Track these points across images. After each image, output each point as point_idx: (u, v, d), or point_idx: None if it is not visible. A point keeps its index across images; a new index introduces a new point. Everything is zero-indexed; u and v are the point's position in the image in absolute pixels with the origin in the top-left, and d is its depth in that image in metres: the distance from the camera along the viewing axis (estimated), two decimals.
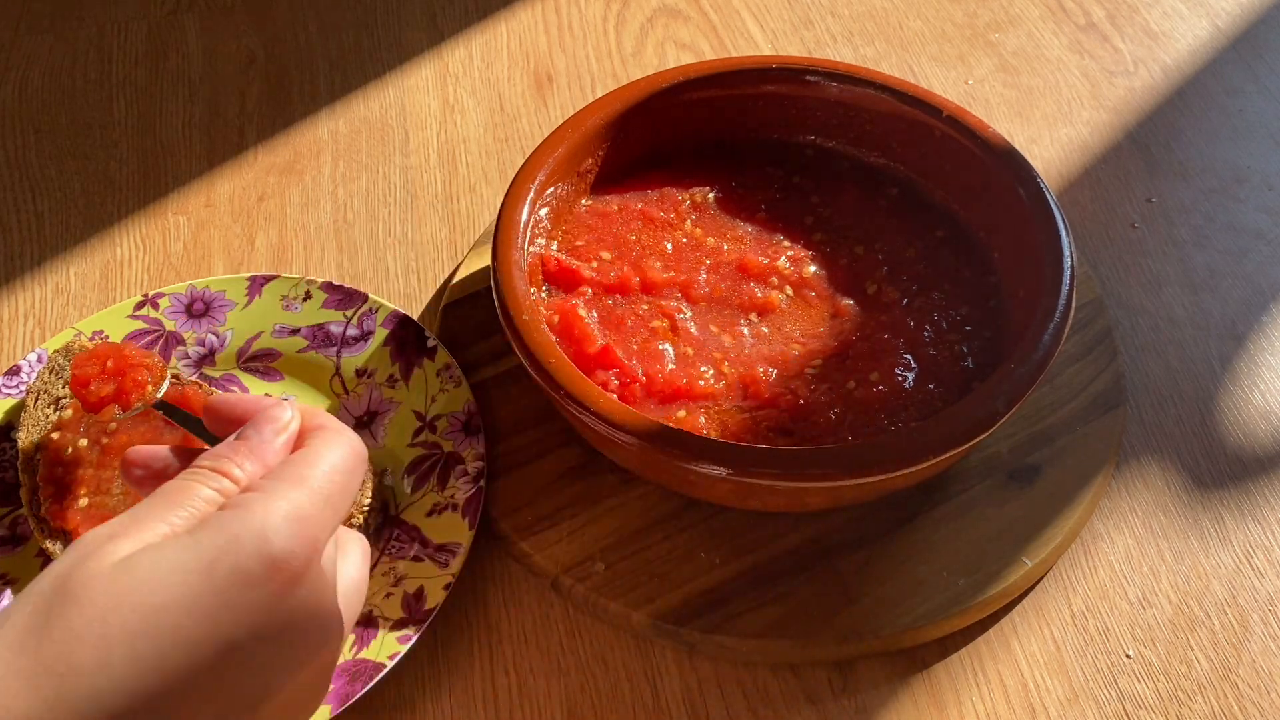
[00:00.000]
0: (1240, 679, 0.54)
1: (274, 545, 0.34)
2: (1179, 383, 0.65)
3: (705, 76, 0.65)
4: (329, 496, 0.37)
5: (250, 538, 0.34)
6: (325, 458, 0.38)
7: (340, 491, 0.38)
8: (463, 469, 0.58)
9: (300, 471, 0.37)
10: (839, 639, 0.53)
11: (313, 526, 0.36)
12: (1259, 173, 0.75)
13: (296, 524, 0.35)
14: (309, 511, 0.36)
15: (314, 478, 0.37)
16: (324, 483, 0.37)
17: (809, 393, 0.56)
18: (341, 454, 0.39)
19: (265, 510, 0.35)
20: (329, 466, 0.38)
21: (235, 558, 0.33)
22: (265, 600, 0.34)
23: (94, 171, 0.75)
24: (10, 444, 0.59)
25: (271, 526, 0.34)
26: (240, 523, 0.34)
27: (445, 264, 0.70)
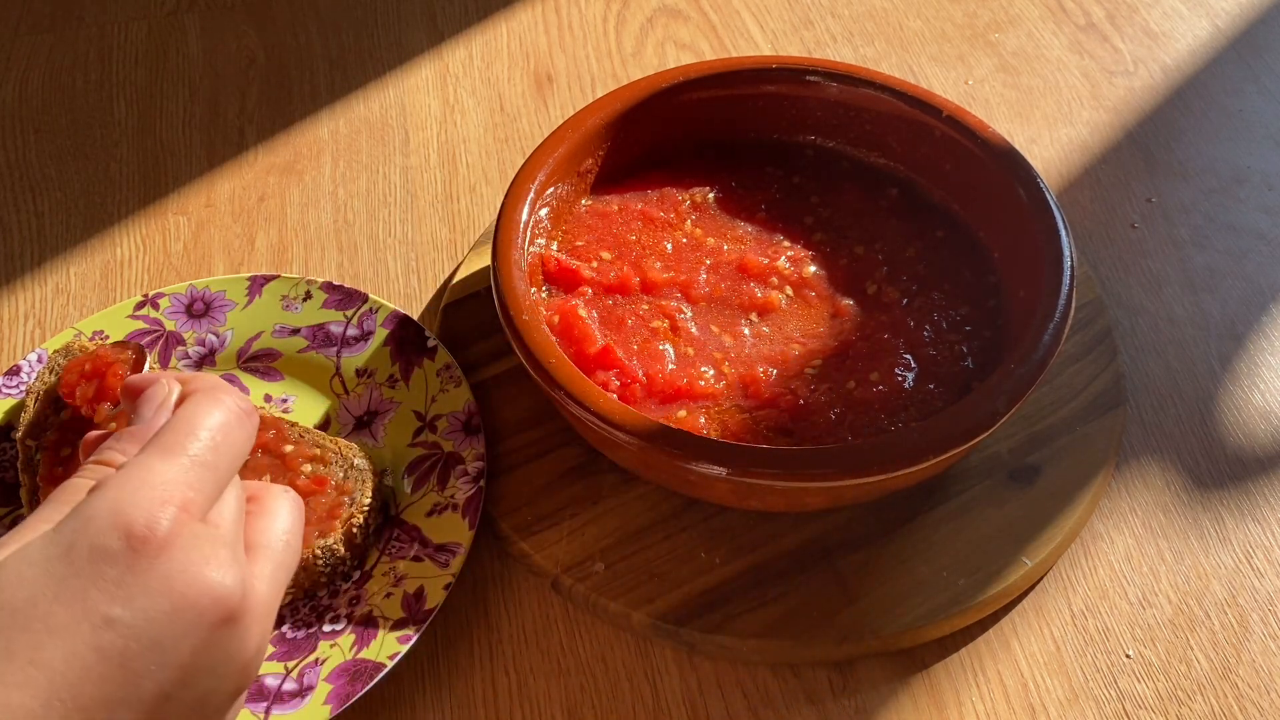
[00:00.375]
0: (1240, 678, 0.54)
1: (130, 515, 0.33)
2: (1179, 383, 0.65)
3: (705, 76, 0.65)
4: (196, 456, 0.36)
5: (105, 513, 0.33)
6: (189, 420, 0.37)
7: (213, 448, 0.37)
8: (463, 469, 0.58)
9: (162, 439, 0.36)
10: (839, 639, 0.53)
11: (176, 489, 0.35)
12: (1259, 173, 0.75)
13: (154, 489, 0.34)
14: (169, 475, 0.35)
15: (175, 442, 0.36)
16: (189, 443, 0.36)
17: (809, 393, 0.56)
18: (208, 411, 0.38)
19: (120, 483, 0.34)
20: (193, 427, 0.37)
21: (91, 536, 0.33)
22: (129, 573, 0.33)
23: (94, 171, 0.75)
24: (10, 444, 0.59)
25: (125, 498, 0.34)
26: (95, 501, 0.34)
27: (445, 264, 0.70)
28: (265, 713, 0.51)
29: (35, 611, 0.31)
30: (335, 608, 0.54)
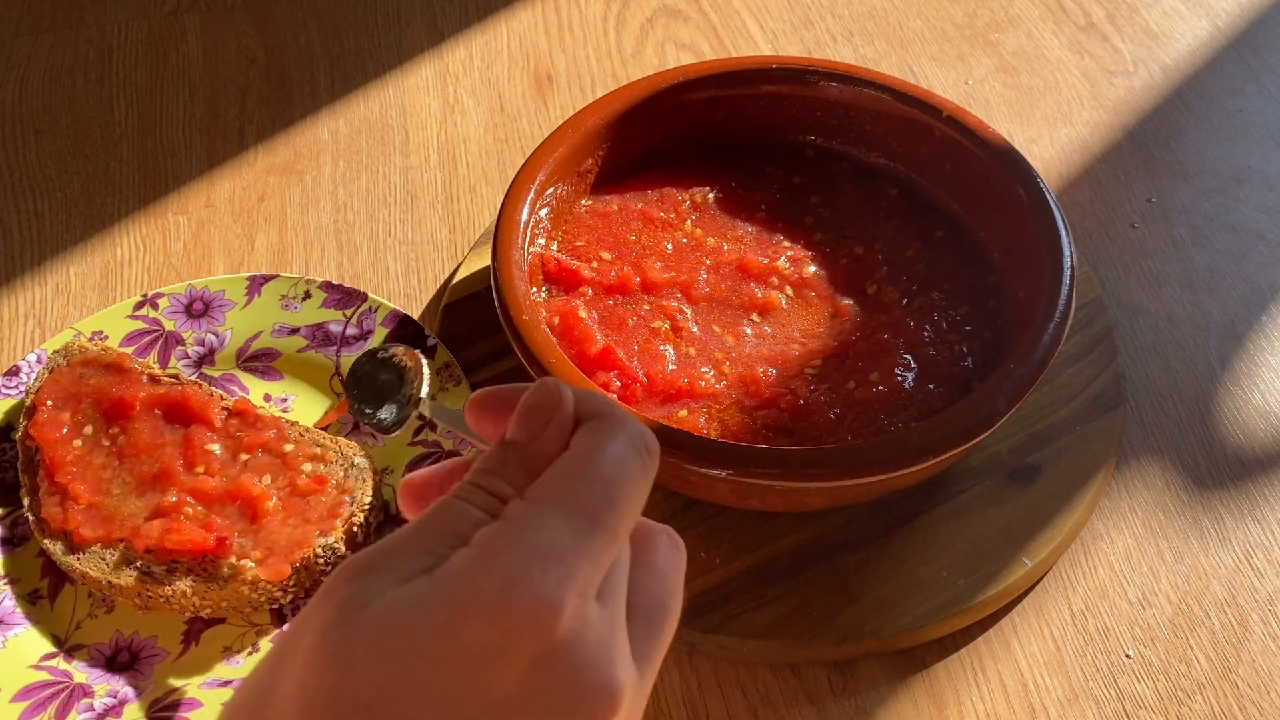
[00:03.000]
0: (1240, 678, 0.54)
1: (523, 598, 0.27)
2: (1179, 383, 0.65)
3: (705, 76, 0.65)
4: (599, 517, 0.30)
5: (496, 589, 0.28)
6: (595, 462, 0.30)
7: (618, 508, 0.30)
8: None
9: (564, 488, 0.30)
10: (839, 639, 0.53)
11: (577, 563, 0.29)
12: (1259, 173, 0.75)
13: (555, 565, 0.28)
14: (570, 544, 0.29)
15: (579, 494, 0.30)
16: (594, 500, 0.30)
17: (809, 393, 0.56)
18: (618, 452, 0.31)
19: (517, 551, 0.28)
20: (600, 476, 0.30)
21: (480, 617, 0.27)
22: (522, 669, 0.28)
23: (94, 171, 0.75)
24: (10, 444, 0.59)
25: (526, 577, 0.28)
26: (486, 572, 0.28)
27: (445, 264, 0.70)
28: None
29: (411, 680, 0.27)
30: None
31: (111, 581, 0.53)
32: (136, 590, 0.53)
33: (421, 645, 0.27)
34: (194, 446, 0.56)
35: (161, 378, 0.59)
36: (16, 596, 0.55)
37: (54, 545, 0.54)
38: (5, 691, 0.51)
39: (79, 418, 0.57)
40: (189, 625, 0.55)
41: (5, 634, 0.53)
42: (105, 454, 0.56)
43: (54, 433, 0.57)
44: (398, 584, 0.29)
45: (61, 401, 0.58)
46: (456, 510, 0.30)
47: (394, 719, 0.27)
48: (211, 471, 0.56)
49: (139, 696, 0.52)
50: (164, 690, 0.52)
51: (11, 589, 0.55)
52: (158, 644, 0.54)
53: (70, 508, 0.55)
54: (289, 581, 0.53)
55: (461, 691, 0.28)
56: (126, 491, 0.55)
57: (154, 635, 0.54)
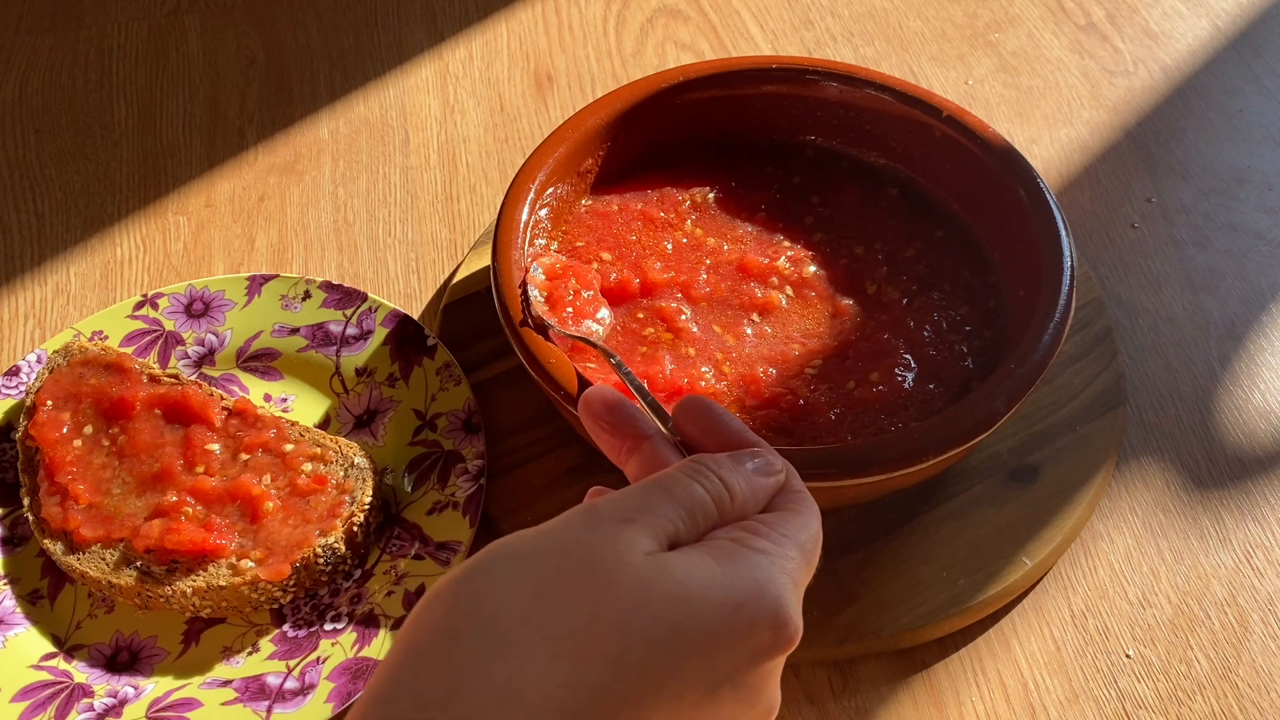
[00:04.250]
0: (1240, 679, 0.54)
1: (787, 612, 0.33)
2: (1179, 383, 0.65)
3: (705, 76, 0.65)
4: (810, 573, 0.36)
5: (774, 597, 0.33)
6: (811, 525, 0.37)
7: (814, 567, 0.37)
8: (463, 467, 0.58)
9: (800, 534, 0.36)
10: (839, 639, 0.53)
11: (801, 597, 0.35)
12: (1259, 173, 0.75)
13: (797, 595, 0.34)
14: (804, 581, 0.35)
15: (809, 549, 0.36)
16: (814, 559, 0.36)
17: (809, 393, 0.56)
18: (818, 529, 0.37)
19: (785, 572, 0.34)
20: (814, 542, 0.36)
21: (756, 612, 0.33)
22: (754, 660, 0.33)
23: (94, 171, 0.75)
24: (10, 444, 0.59)
25: (788, 595, 0.34)
26: (768, 575, 0.33)
27: (445, 264, 0.70)
28: (267, 711, 0.51)
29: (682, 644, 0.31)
30: (337, 606, 0.54)
31: (111, 581, 0.53)
32: (136, 590, 0.53)
33: (707, 616, 0.32)
34: (194, 446, 0.56)
35: (161, 378, 0.59)
36: (16, 596, 0.55)
37: (54, 545, 0.54)
38: (5, 691, 0.51)
39: (79, 418, 0.57)
40: (189, 625, 0.55)
41: (5, 634, 0.53)
42: (105, 454, 0.56)
43: (54, 433, 0.57)
44: (660, 545, 0.33)
45: (61, 401, 0.58)
46: (692, 489, 0.35)
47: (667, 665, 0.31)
48: (211, 471, 0.56)
49: (139, 696, 0.52)
50: (164, 690, 0.52)
51: (11, 589, 0.55)
52: (158, 644, 0.54)
53: (70, 508, 0.55)
54: (289, 581, 0.53)
55: (711, 662, 0.32)
56: (126, 491, 0.55)
57: (154, 635, 0.54)
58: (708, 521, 0.35)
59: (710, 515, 0.35)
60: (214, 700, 0.51)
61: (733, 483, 0.36)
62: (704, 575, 0.32)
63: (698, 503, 0.35)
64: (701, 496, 0.35)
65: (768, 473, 0.38)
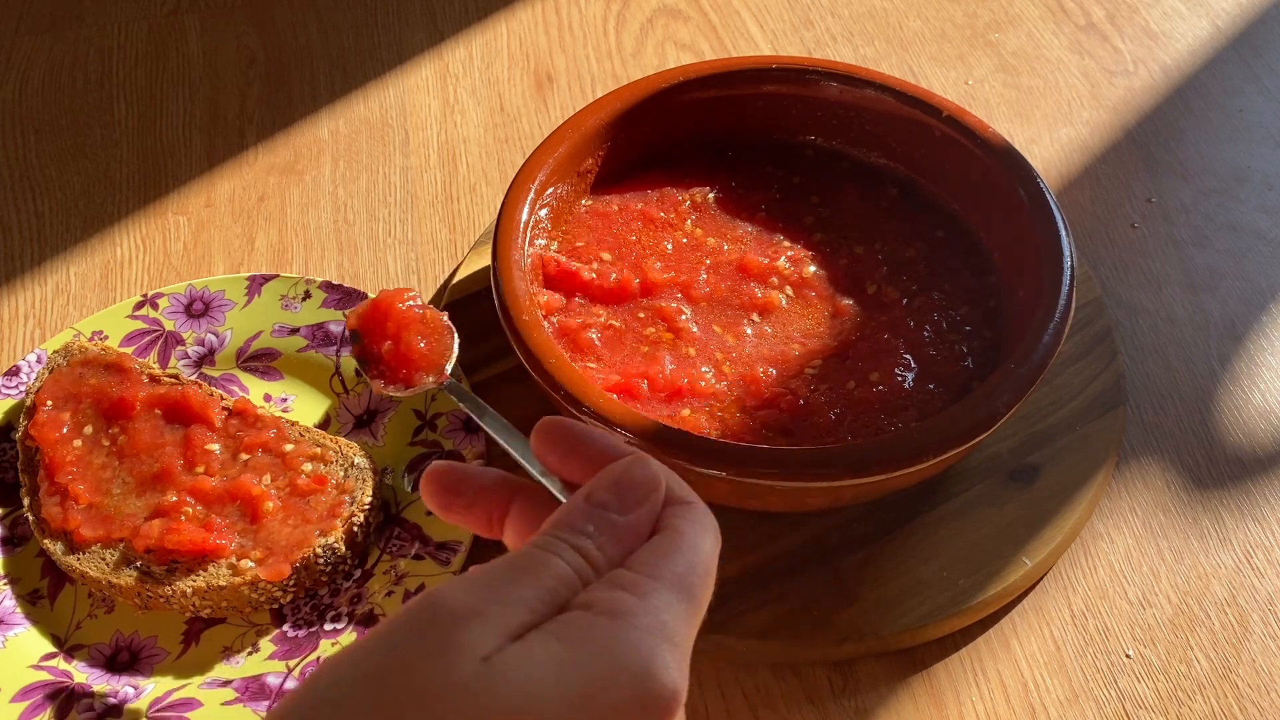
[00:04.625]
0: (1240, 679, 0.54)
1: (658, 682, 0.29)
2: (1179, 383, 0.65)
3: (705, 76, 0.65)
4: (702, 605, 0.32)
5: (636, 668, 0.29)
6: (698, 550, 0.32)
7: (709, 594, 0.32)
8: None
9: (677, 571, 0.31)
10: (839, 639, 0.53)
11: (688, 649, 0.31)
12: (1259, 173, 0.75)
13: (678, 651, 0.30)
14: (686, 631, 0.31)
15: (692, 581, 0.31)
16: (700, 589, 0.31)
17: (809, 393, 0.56)
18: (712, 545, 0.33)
19: (649, 631, 0.29)
20: (703, 564, 0.32)
21: (616, 694, 0.28)
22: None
23: (94, 171, 0.75)
24: (10, 444, 0.59)
25: (658, 659, 0.29)
26: (622, 646, 0.29)
27: (445, 264, 0.70)
28: (267, 711, 0.51)
29: None
30: (336, 606, 0.54)
31: (111, 581, 0.53)
32: (136, 590, 0.53)
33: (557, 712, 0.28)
34: (194, 446, 0.56)
35: (161, 378, 0.59)
36: (16, 596, 0.55)
37: (54, 545, 0.54)
38: (5, 691, 0.51)
39: (79, 418, 0.57)
40: (189, 625, 0.55)
41: (5, 634, 0.53)
42: (105, 454, 0.56)
43: (54, 433, 0.57)
44: (508, 638, 0.29)
45: (61, 401, 0.58)
46: (551, 566, 0.31)
47: None
48: (211, 471, 0.56)
49: (139, 696, 0.52)
50: (164, 690, 0.52)
51: (11, 589, 0.55)
52: (158, 644, 0.54)
53: (70, 508, 0.55)
54: (289, 581, 0.53)
55: None
56: (126, 491, 0.55)
57: (154, 635, 0.54)
58: (571, 591, 0.31)
59: (574, 585, 0.31)
60: (214, 700, 0.51)
61: (591, 544, 0.32)
62: (549, 669, 0.28)
63: (558, 579, 0.31)
64: (561, 571, 0.31)
65: (641, 499, 0.33)
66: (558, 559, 0.31)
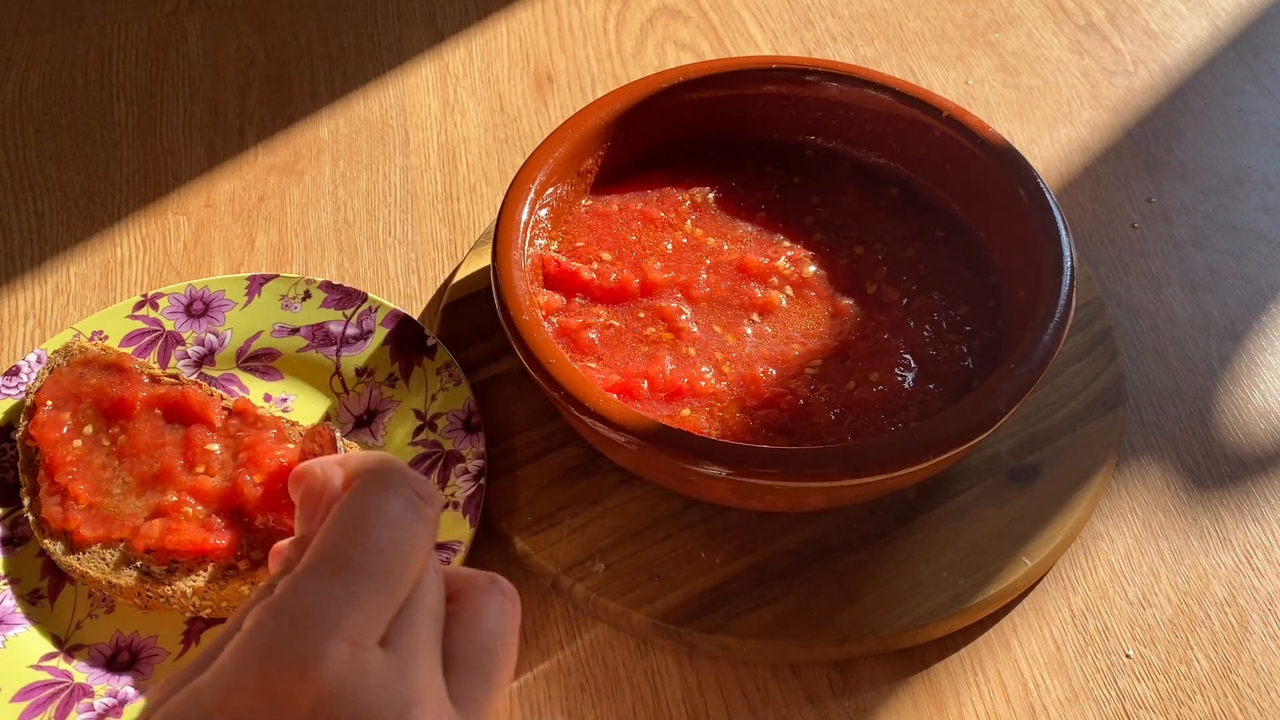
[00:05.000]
0: (1240, 679, 0.54)
1: (278, 661, 0.27)
2: (1179, 383, 0.65)
3: (705, 76, 0.65)
4: (359, 565, 0.30)
5: (253, 665, 0.28)
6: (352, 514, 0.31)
7: (384, 550, 0.30)
8: (463, 467, 0.58)
9: (320, 547, 0.30)
10: (839, 639, 0.53)
11: (337, 614, 0.29)
12: (1259, 173, 0.75)
13: (312, 624, 0.28)
14: (330, 597, 0.29)
15: (338, 547, 0.30)
16: (354, 549, 0.30)
17: (809, 393, 0.56)
18: (373, 503, 0.31)
19: (274, 621, 0.28)
20: (358, 524, 0.30)
21: (241, 699, 0.27)
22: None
23: (94, 171, 0.75)
24: (10, 444, 0.59)
25: (278, 640, 0.28)
26: (247, 648, 0.28)
27: (445, 264, 0.70)
28: None
29: None
30: None
31: (111, 581, 0.53)
32: (136, 590, 0.53)
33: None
34: (194, 446, 0.56)
35: (161, 378, 0.59)
36: (16, 596, 0.55)
37: (54, 545, 0.54)
38: (5, 691, 0.51)
39: (79, 418, 0.57)
40: (189, 625, 0.55)
41: (5, 634, 0.54)
42: (105, 454, 0.56)
43: (54, 433, 0.57)
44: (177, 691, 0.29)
45: (61, 401, 0.58)
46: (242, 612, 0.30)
47: None
48: (211, 471, 0.56)
49: (139, 696, 0.52)
50: None
51: (11, 589, 0.55)
52: (158, 644, 0.54)
53: (70, 508, 0.55)
54: None
55: None
56: (126, 491, 0.55)
57: (154, 635, 0.54)
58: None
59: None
60: None
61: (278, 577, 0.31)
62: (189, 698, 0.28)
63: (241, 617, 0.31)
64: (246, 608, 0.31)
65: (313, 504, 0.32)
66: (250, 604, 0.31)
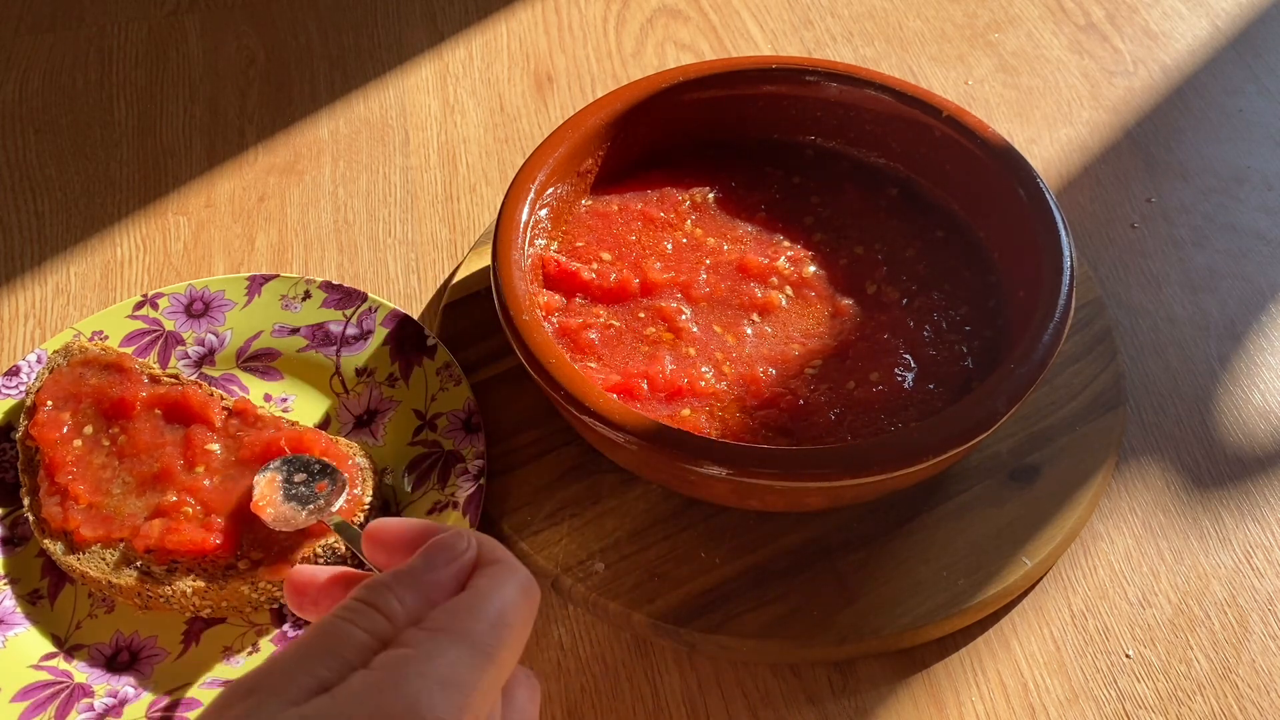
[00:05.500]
0: (1240, 679, 0.54)
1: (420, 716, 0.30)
2: (1179, 383, 0.65)
3: (705, 76, 0.65)
4: (494, 653, 0.32)
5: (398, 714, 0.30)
6: (493, 602, 0.33)
7: (509, 645, 0.33)
8: (463, 467, 0.58)
9: (464, 622, 0.33)
10: (839, 639, 0.53)
11: (472, 693, 0.31)
12: (1259, 173, 0.75)
13: (454, 693, 0.31)
14: (468, 676, 0.31)
15: (479, 630, 0.32)
16: (490, 637, 0.33)
17: (809, 393, 0.56)
18: (512, 597, 0.34)
19: (420, 676, 0.30)
20: (496, 615, 0.33)
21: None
22: None
23: (94, 171, 0.75)
24: (10, 444, 0.59)
25: (423, 700, 0.30)
26: (388, 695, 0.30)
27: (445, 264, 0.70)
28: None
29: None
30: None
31: (111, 581, 0.53)
32: (136, 590, 0.53)
33: None
34: (194, 446, 0.56)
35: (161, 378, 0.59)
36: (16, 596, 0.55)
37: (54, 545, 0.54)
38: (5, 691, 0.51)
39: (79, 418, 0.57)
40: (189, 625, 0.55)
41: (5, 634, 0.54)
42: (105, 454, 0.57)
43: (54, 433, 0.57)
44: (290, 705, 0.30)
45: (61, 401, 0.58)
46: (341, 631, 0.32)
47: None
48: (211, 471, 0.56)
49: (139, 696, 0.52)
50: (164, 690, 0.52)
51: (11, 589, 0.55)
52: (158, 644, 0.54)
53: (70, 508, 0.55)
54: None
55: None
56: (126, 491, 0.55)
57: (154, 635, 0.54)
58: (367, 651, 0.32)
59: (368, 646, 0.32)
60: None
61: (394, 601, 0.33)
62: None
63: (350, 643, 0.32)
64: (353, 636, 0.32)
65: (447, 559, 0.35)
66: (350, 625, 0.33)
